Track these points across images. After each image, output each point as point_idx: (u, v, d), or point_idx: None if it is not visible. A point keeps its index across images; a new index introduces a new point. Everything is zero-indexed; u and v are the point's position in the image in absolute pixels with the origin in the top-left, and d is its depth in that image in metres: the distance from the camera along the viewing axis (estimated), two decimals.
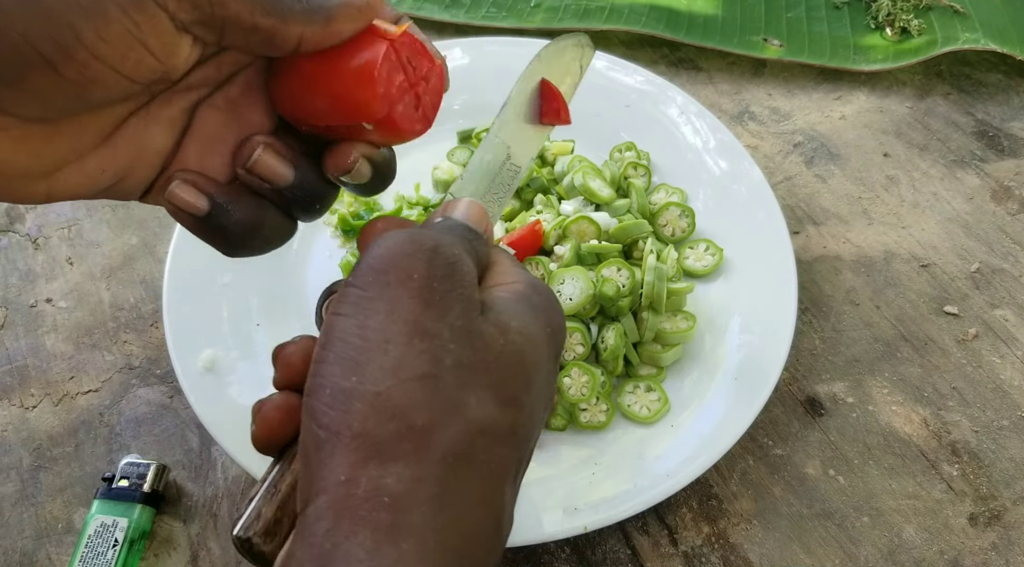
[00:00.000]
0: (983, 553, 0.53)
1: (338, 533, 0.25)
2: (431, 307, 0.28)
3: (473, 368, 0.28)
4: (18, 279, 0.67)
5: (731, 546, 0.54)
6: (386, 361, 0.27)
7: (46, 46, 0.27)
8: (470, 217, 0.35)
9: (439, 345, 0.28)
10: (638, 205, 0.65)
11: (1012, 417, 0.59)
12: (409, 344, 0.27)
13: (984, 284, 0.67)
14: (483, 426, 0.27)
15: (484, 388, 0.28)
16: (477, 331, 0.29)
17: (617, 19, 0.84)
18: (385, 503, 0.25)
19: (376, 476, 0.25)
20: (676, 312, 0.61)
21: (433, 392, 0.27)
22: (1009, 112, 0.79)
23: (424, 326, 0.28)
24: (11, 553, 0.54)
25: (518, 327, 0.30)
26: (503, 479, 0.28)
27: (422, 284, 0.28)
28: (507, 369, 0.29)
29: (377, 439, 0.26)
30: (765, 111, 0.79)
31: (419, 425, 0.26)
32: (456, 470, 0.26)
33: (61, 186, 0.32)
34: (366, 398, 0.26)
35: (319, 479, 0.26)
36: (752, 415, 0.54)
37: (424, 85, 0.36)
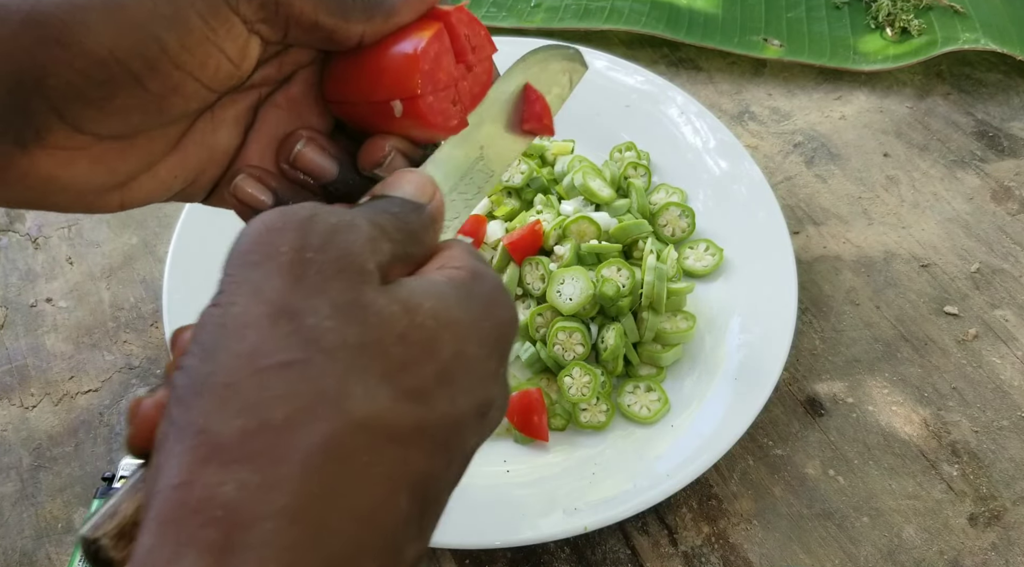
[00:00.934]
0: (983, 553, 0.53)
1: (159, 552, 0.20)
2: (303, 282, 0.24)
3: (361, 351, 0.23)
4: (18, 279, 0.67)
5: (731, 546, 0.54)
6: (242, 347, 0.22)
7: (135, 62, 0.27)
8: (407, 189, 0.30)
9: (312, 324, 0.23)
10: (638, 205, 0.65)
11: (1012, 417, 0.59)
12: (272, 326, 0.23)
13: (984, 284, 0.67)
14: (369, 421, 0.22)
15: (376, 375, 0.23)
16: (371, 306, 0.24)
17: (617, 19, 0.84)
18: (217, 517, 0.20)
19: (213, 482, 0.21)
20: (676, 312, 0.61)
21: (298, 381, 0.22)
22: (1009, 112, 0.79)
23: (292, 304, 0.23)
24: (11, 553, 0.54)
25: (433, 309, 0.25)
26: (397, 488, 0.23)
27: (292, 258, 0.24)
28: (411, 355, 0.24)
29: (220, 437, 0.21)
30: (765, 111, 0.79)
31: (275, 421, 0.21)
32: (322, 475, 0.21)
33: (134, 195, 0.33)
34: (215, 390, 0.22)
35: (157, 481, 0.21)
36: (752, 415, 0.54)
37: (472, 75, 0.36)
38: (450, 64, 0.35)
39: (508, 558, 0.53)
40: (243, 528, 0.20)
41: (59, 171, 0.30)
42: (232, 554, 0.20)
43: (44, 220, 0.71)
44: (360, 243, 0.25)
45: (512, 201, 0.67)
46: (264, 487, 0.21)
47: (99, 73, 0.28)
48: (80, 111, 0.28)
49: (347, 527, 0.22)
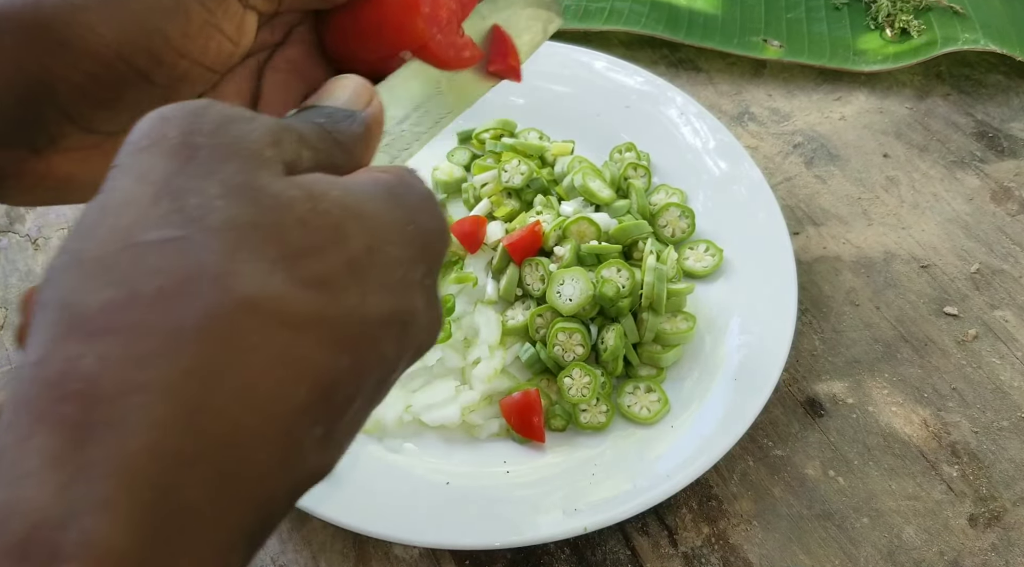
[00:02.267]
0: (983, 554, 0.53)
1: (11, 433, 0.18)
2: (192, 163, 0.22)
3: (254, 229, 0.21)
4: (18, 280, 0.67)
5: (731, 547, 0.54)
6: (118, 223, 0.21)
7: (140, 58, 0.27)
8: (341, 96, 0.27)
9: (198, 203, 0.21)
10: (638, 206, 0.65)
11: (1012, 418, 0.59)
12: (153, 204, 0.21)
13: (984, 285, 0.67)
14: (257, 301, 0.20)
15: (270, 257, 0.21)
16: (266, 188, 0.22)
17: (617, 20, 0.84)
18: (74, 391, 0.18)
19: (73, 355, 0.19)
20: (676, 313, 0.61)
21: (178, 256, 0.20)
22: (1009, 113, 0.79)
23: (177, 185, 0.21)
24: None
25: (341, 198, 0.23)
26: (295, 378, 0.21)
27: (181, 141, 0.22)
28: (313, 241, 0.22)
29: (84, 310, 0.19)
30: (765, 112, 0.79)
31: (146, 293, 0.19)
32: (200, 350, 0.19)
33: None
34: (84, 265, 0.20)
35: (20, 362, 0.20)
36: (752, 416, 0.54)
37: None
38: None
39: (508, 559, 0.53)
40: (104, 402, 0.18)
41: (76, 170, 0.30)
42: (90, 430, 0.18)
43: (44, 221, 0.71)
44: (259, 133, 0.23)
45: (512, 202, 0.67)
46: (129, 360, 0.19)
47: (106, 74, 0.27)
48: (91, 113, 0.28)
49: (231, 408, 0.19)
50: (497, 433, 0.57)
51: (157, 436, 0.18)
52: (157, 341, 0.19)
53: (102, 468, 0.18)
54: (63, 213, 0.71)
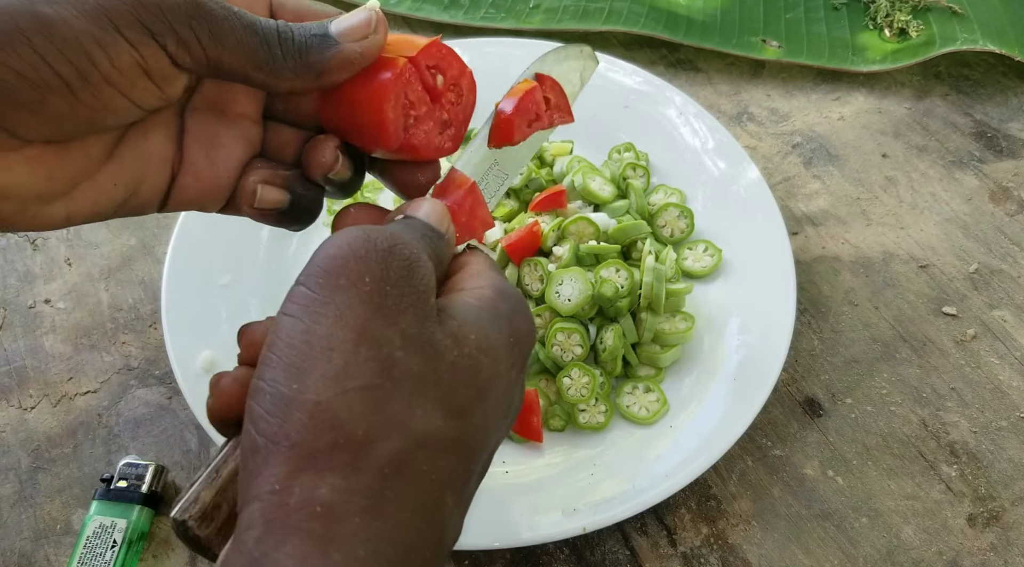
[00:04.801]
0: (981, 554, 0.53)
1: (268, 542, 0.24)
2: (381, 313, 0.27)
3: (422, 379, 0.27)
4: (16, 280, 0.67)
5: (730, 547, 0.54)
6: (329, 369, 0.26)
7: (65, 69, 0.29)
8: (432, 217, 0.34)
9: (387, 353, 0.27)
10: (637, 206, 0.65)
11: (1011, 418, 0.59)
12: (355, 352, 0.27)
13: (983, 285, 0.67)
14: (426, 438, 0.27)
15: (431, 400, 0.28)
16: (430, 340, 0.28)
17: (616, 20, 0.84)
18: (317, 513, 0.25)
19: (310, 487, 0.25)
20: (675, 313, 0.61)
21: (376, 403, 0.26)
22: (1007, 113, 0.79)
23: (373, 333, 0.27)
24: (9, 554, 0.54)
25: (476, 340, 0.29)
26: (444, 489, 0.28)
27: (374, 288, 0.28)
28: (458, 380, 0.28)
29: (313, 449, 0.25)
30: (764, 112, 0.79)
31: (358, 436, 0.26)
32: (393, 481, 0.26)
33: (79, 206, 0.34)
34: (305, 407, 0.26)
35: (254, 486, 0.26)
36: (751, 416, 0.54)
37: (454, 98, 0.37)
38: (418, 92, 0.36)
39: (507, 559, 0.53)
40: (337, 521, 0.25)
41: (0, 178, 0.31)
42: (330, 541, 0.25)
43: None
44: (427, 280, 0.29)
45: (511, 202, 0.67)
46: (351, 490, 0.25)
47: (32, 75, 0.29)
48: (11, 113, 0.29)
49: (412, 522, 0.26)
50: None
51: (374, 547, 0.25)
52: (367, 477, 0.26)
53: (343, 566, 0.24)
54: None
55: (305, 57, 0.33)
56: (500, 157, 0.41)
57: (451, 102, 0.37)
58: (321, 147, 0.36)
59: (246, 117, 0.37)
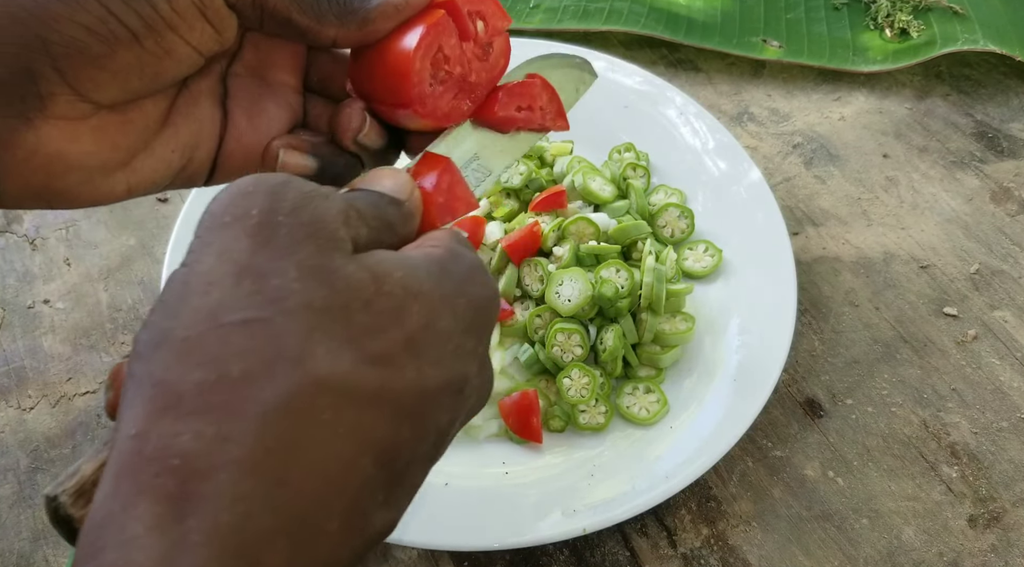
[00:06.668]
0: (982, 555, 0.53)
1: (115, 502, 0.21)
2: (272, 245, 0.24)
3: (326, 312, 0.23)
4: (15, 280, 0.67)
5: (730, 548, 0.54)
6: (203, 303, 0.23)
7: (131, 19, 0.29)
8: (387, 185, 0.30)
9: (278, 285, 0.23)
10: (637, 206, 0.65)
11: (1011, 419, 0.59)
12: (236, 285, 0.23)
13: (983, 285, 0.66)
14: (330, 381, 0.22)
15: (339, 338, 0.23)
16: (338, 271, 0.24)
17: (616, 20, 0.84)
18: (174, 466, 0.21)
19: (169, 432, 0.21)
20: (675, 313, 0.61)
21: (260, 338, 0.22)
22: (1008, 113, 0.79)
23: (259, 264, 0.23)
24: (8, 555, 0.53)
25: (403, 279, 0.25)
26: (360, 450, 0.23)
27: (262, 220, 0.24)
28: (376, 322, 0.24)
29: (177, 389, 0.22)
30: (764, 112, 0.79)
31: (233, 374, 0.22)
32: (279, 429, 0.21)
33: (138, 177, 0.34)
34: (174, 344, 0.22)
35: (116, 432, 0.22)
36: (751, 416, 0.54)
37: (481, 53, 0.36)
38: (456, 50, 0.35)
39: (507, 560, 0.53)
40: (198, 478, 0.20)
41: (66, 145, 0.31)
42: (187, 502, 0.20)
43: (42, 221, 0.70)
44: (333, 212, 0.25)
45: (511, 202, 0.67)
46: (220, 438, 0.21)
47: (100, 28, 0.29)
48: (82, 70, 0.30)
49: (306, 483, 0.22)
50: (496, 434, 0.57)
51: (243, 511, 0.20)
52: (243, 421, 0.21)
53: (198, 538, 0.20)
54: (61, 213, 0.71)
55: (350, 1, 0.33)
56: (483, 150, 0.39)
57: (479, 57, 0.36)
58: (348, 110, 0.35)
59: (286, 85, 0.37)
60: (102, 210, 0.71)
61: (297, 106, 0.37)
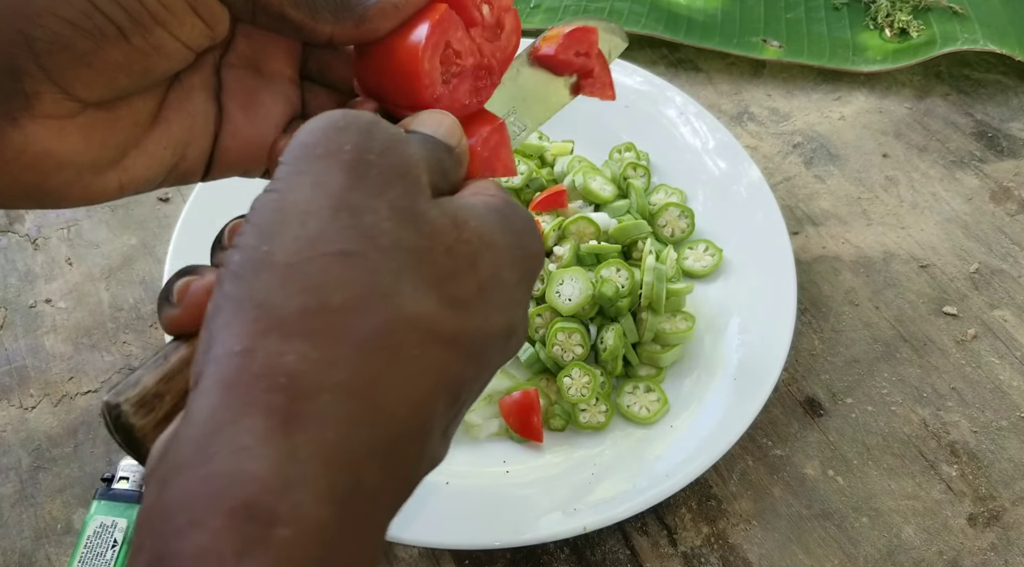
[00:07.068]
0: (982, 553, 0.53)
1: (224, 414, 0.21)
2: (365, 181, 0.25)
3: (414, 253, 0.24)
4: (17, 279, 0.67)
5: (730, 547, 0.54)
6: (303, 232, 0.23)
7: (117, 13, 0.28)
8: (439, 129, 0.30)
9: (372, 222, 0.24)
10: (637, 206, 0.65)
11: (1011, 418, 0.59)
12: (333, 217, 0.24)
13: (983, 285, 0.67)
14: (417, 320, 0.24)
15: (425, 280, 0.24)
16: (424, 215, 0.25)
17: (616, 20, 0.84)
18: (282, 384, 0.21)
19: (275, 351, 0.22)
20: (675, 313, 0.61)
21: (357, 271, 0.23)
22: (1008, 113, 0.79)
23: (353, 200, 0.24)
24: (10, 554, 0.54)
25: (478, 228, 0.26)
26: (438, 385, 0.24)
27: (356, 157, 0.25)
28: (456, 266, 0.25)
29: (281, 311, 0.22)
30: (764, 112, 0.79)
31: (334, 304, 0.23)
32: (376, 359, 0.23)
33: (130, 174, 0.33)
34: (275, 268, 0.23)
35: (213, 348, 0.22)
36: (751, 415, 0.54)
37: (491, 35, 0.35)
38: (465, 42, 0.34)
39: (508, 559, 0.53)
40: (305, 397, 0.21)
41: (54, 144, 0.30)
42: (295, 420, 0.21)
43: (43, 221, 0.71)
44: (417, 156, 0.27)
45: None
46: (324, 362, 0.22)
47: (85, 23, 0.28)
48: (68, 67, 0.29)
49: (397, 410, 0.23)
50: (496, 433, 0.57)
51: (347, 431, 0.22)
52: (344, 348, 0.22)
53: (307, 451, 0.21)
54: (62, 213, 0.71)
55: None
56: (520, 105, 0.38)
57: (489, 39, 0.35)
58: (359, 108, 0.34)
59: (283, 76, 0.36)
60: (103, 210, 0.71)
61: (295, 97, 0.36)
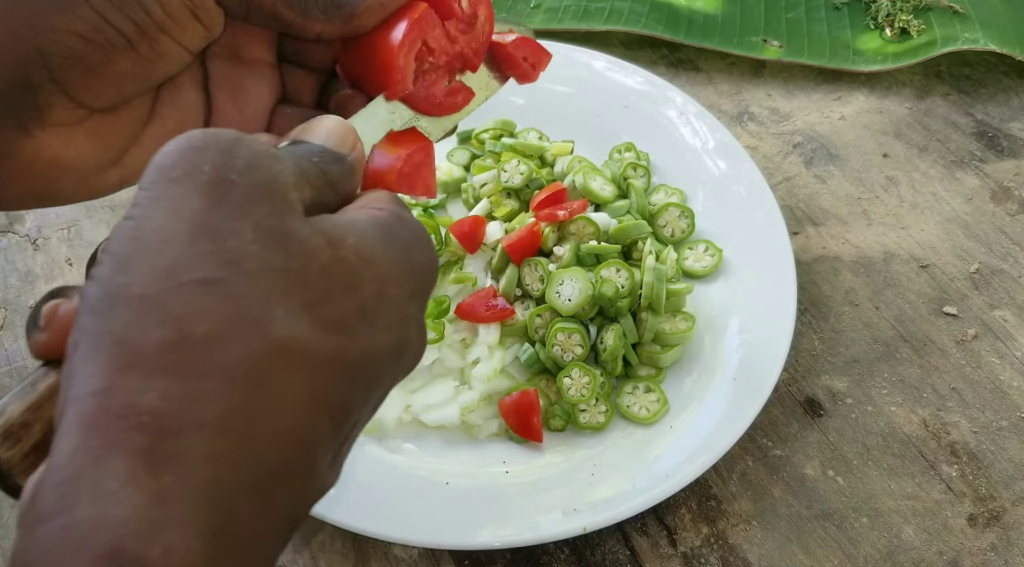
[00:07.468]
0: (982, 554, 0.53)
1: (85, 457, 0.20)
2: (226, 203, 0.23)
3: (284, 275, 0.23)
4: (18, 280, 0.67)
5: (730, 547, 0.54)
6: (160, 261, 0.22)
7: (126, 25, 0.29)
8: (330, 138, 0.29)
9: (235, 246, 0.23)
10: (637, 206, 0.65)
11: (1011, 418, 0.59)
12: (191, 244, 0.23)
13: (983, 285, 0.67)
14: (289, 345, 0.23)
15: (297, 303, 0.23)
16: (293, 235, 0.24)
17: (617, 20, 0.84)
18: (144, 423, 0.20)
19: (136, 389, 0.21)
20: (675, 313, 0.61)
21: (220, 299, 0.22)
22: (1008, 113, 0.79)
23: (214, 224, 0.23)
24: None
25: (356, 245, 0.25)
26: (318, 412, 0.23)
27: (215, 177, 0.24)
28: (333, 288, 0.24)
29: (140, 347, 0.21)
30: (764, 112, 0.79)
31: (197, 335, 0.22)
32: (246, 391, 0.22)
33: (130, 169, 0.34)
34: (131, 301, 0.22)
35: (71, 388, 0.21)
36: (751, 416, 0.54)
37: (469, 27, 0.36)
38: (441, 40, 0.35)
39: (508, 559, 0.53)
40: (170, 435, 0.21)
41: (62, 150, 0.31)
42: (161, 460, 0.20)
43: (43, 221, 0.71)
44: (285, 174, 0.25)
45: (511, 202, 0.67)
46: (189, 398, 0.21)
47: (96, 36, 0.29)
48: (79, 79, 0.30)
49: (273, 442, 0.22)
50: (496, 433, 0.57)
51: (218, 468, 0.21)
52: (209, 382, 0.21)
53: (176, 493, 0.20)
54: (63, 213, 0.71)
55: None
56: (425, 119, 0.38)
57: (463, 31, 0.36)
58: (349, 104, 0.35)
59: (262, 62, 0.37)
60: (103, 210, 0.71)
61: (276, 81, 0.37)
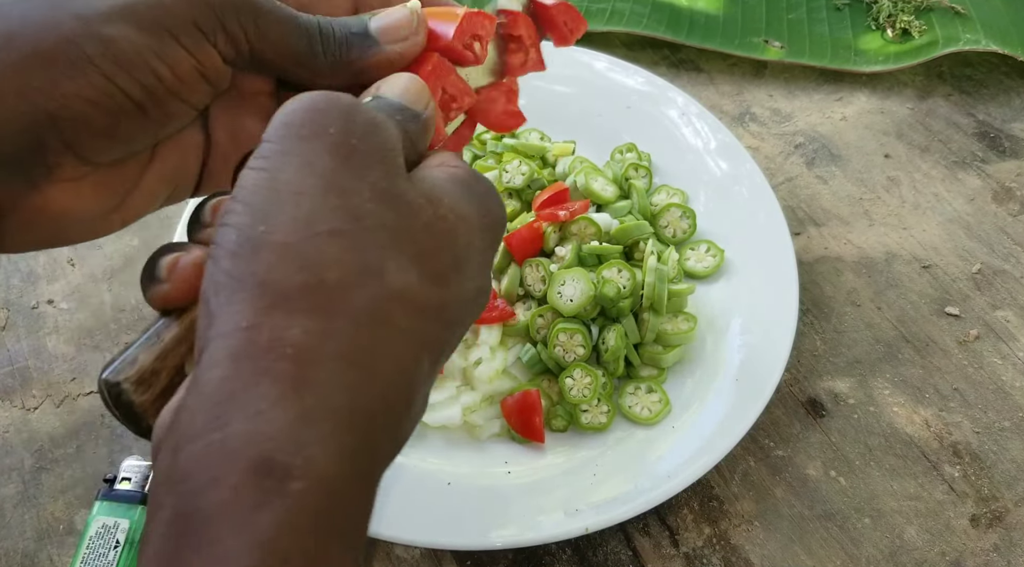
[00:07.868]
0: (985, 554, 0.53)
1: (236, 381, 0.23)
2: (349, 164, 0.26)
3: (395, 232, 0.26)
4: (19, 280, 0.67)
5: (732, 547, 0.54)
6: (298, 212, 0.25)
7: (135, 90, 0.30)
8: (407, 95, 0.31)
9: (357, 203, 0.26)
10: (639, 206, 0.65)
11: (1014, 418, 0.59)
12: (324, 197, 0.25)
13: (985, 285, 0.66)
14: (402, 293, 0.26)
15: (407, 256, 0.26)
16: (402, 196, 0.27)
17: (618, 21, 0.84)
18: (288, 354, 0.23)
19: (281, 325, 0.23)
20: (677, 313, 0.61)
21: (347, 250, 0.25)
22: (1010, 113, 0.79)
23: (340, 182, 0.26)
24: (12, 554, 0.54)
25: (451, 204, 0.28)
26: (423, 352, 0.26)
27: (338, 140, 0.26)
28: (434, 243, 0.27)
29: (284, 289, 0.24)
30: (766, 112, 0.79)
31: (330, 280, 0.24)
32: (370, 330, 0.25)
33: (132, 212, 0.35)
34: (274, 247, 0.24)
35: (216, 325, 0.24)
36: (753, 416, 0.54)
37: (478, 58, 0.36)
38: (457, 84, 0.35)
39: (510, 559, 0.53)
40: (311, 365, 0.23)
41: (70, 202, 0.31)
42: (304, 385, 0.23)
43: None
44: (393, 140, 0.28)
45: (513, 202, 0.67)
46: (324, 334, 0.24)
47: (106, 102, 0.29)
48: (89, 141, 0.30)
49: (391, 377, 0.25)
50: (498, 434, 0.57)
51: (350, 395, 0.24)
52: (340, 321, 0.24)
53: (317, 414, 0.23)
54: None
55: (345, 55, 0.33)
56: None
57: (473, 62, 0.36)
58: None
59: (261, 93, 0.37)
60: None
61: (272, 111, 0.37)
